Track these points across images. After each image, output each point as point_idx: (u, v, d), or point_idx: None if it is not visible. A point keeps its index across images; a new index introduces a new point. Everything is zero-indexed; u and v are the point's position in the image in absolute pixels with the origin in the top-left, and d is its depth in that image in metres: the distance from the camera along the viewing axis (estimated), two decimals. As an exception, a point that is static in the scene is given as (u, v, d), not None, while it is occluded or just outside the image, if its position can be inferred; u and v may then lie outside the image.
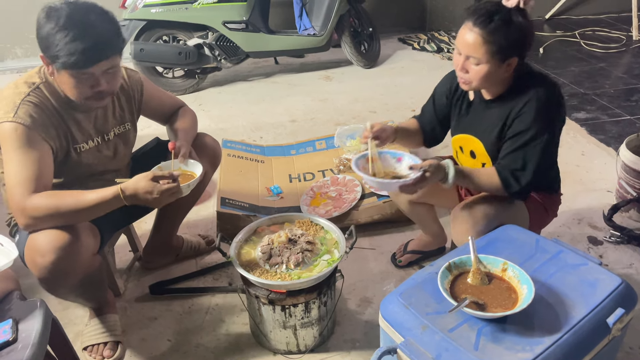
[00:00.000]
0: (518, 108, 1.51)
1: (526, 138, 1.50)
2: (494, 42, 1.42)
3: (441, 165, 1.51)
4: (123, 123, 1.75)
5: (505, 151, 1.55)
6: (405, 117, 3.50)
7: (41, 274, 1.46)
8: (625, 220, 2.33)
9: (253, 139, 3.28)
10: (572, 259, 1.35)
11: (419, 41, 5.05)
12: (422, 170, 1.48)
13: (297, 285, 1.59)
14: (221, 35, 3.90)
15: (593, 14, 5.52)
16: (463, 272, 1.30)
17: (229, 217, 2.26)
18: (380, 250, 2.25)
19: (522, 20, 1.44)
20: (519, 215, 1.65)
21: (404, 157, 1.62)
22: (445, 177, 1.52)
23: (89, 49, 1.39)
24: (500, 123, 1.56)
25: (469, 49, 1.46)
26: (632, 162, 2.26)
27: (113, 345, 1.76)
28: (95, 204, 1.44)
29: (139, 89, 1.78)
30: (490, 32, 1.42)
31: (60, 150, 1.56)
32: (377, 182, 1.54)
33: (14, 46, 4.71)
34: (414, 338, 1.17)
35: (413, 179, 1.47)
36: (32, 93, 1.49)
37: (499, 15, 1.43)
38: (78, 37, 1.37)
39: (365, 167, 1.58)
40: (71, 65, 1.40)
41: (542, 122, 1.49)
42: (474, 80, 1.50)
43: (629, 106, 3.50)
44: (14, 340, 1.22)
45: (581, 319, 1.17)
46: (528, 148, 1.51)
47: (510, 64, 1.48)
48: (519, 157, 1.52)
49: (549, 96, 1.50)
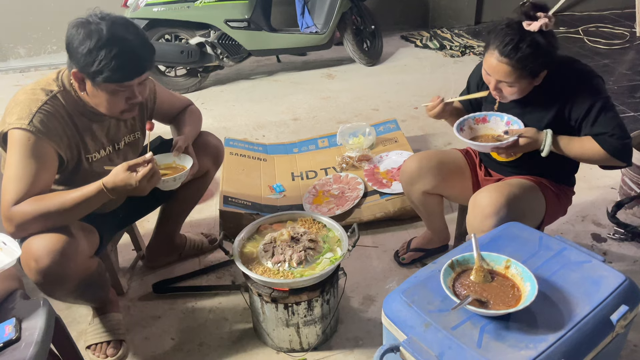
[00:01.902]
0: (559, 92, 1.57)
1: (597, 109, 1.54)
2: (524, 68, 1.50)
3: (539, 133, 1.58)
4: (134, 132, 1.75)
5: (589, 127, 1.57)
6: (407, 115, 3.50)
7: (36, 279, 1.45)
8: (629, 217, 2.32)
9: (255, 138, 3.28)
10: (576, 256, 1.34)
11: (421, 38, 5.04)
12: (517, 135, 1.56)
13: (299, 284, 1.59)
14: (223, 33, 3.90)
15: (596, 11, 5.49)
16: (466, 270, 1.29)
17: (231, 215, 2.26)
18: (383, 248, 2.24)
19: (546, 42, 1.49)
20: (537, 203, 1.67)
21: (512, 121, 1.67)
22: (540, 145, 1.59)
23: (133, 63, 1.43)
24: (548, 107, 1.61)
25: (500, 76, 1.54)
26: (636, 159, 2.24)
27: (116, 343, 1.77)
28: (80, 201, 1.44)
29: (152, 98, 1.78)
30: (519, 60, 1.48)
31: (72, 160, 1.56)
32: (474, 144, 1.64)
33: (17, 46, 4.72)
34: (417, 336, 1.17)
35: (506, 142, 1.57)
36: (49, 102, 1.48)
37: (525, 43, 1.47)
38: (123, 53, 1.39)
39: (470, 130, 1.71)
40: (117, 79, 1.42)
41: (597, 91, 1.55)
42: (509, 96, 1.60)
43: (633, 103, 3.48)
44: (17, 339, 1.22)
45: (585, 316, 1.17)
46: (608, 114, 1.55)
47: (541, 76, 1.55)
48: (607, 125, 1.55)
49: (581, 69, 1.58)
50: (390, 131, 2.92)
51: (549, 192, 1.70)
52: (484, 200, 1.60)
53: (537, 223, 1.70)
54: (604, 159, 1.59)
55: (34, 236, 1.45)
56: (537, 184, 1.69)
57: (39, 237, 1.44)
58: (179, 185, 1.63)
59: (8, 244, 1.36)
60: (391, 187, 2.40)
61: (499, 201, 1.57)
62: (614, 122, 1.55)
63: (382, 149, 2.76)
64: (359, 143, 2.77)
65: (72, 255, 1.46)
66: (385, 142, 2.82)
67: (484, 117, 1.72)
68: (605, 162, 1.60)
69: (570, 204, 1.83)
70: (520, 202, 1.60)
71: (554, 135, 1.57)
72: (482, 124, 1.72)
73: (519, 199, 1.60)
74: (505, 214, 1.56)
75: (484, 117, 1.72)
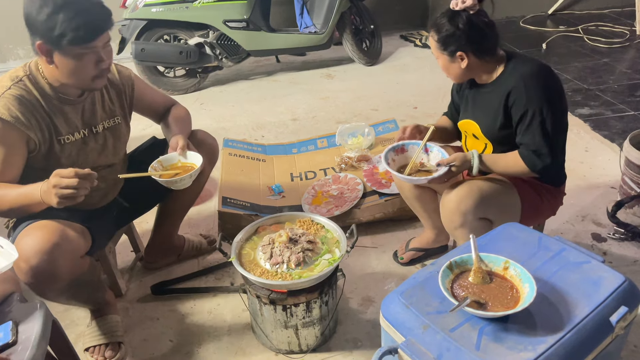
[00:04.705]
0: (507, 91, 1.61)
1: (529, 118, 1.59)
2: (440, 42, 1.65)
3: (466, 157, 1.66)
4: (113, 117, 1.76)
5: (520, 135, 1.63)
6: (407, 114, 3.50)
7: (26, 279, 1.45)
8: (629, 217, 2.31)
9: (255, 138, 3.28)
10: (575, 257, 1.34)
11: (421, 38, 5.03)
12: (448, 165, 1.64)
13: (298, 285, 1.59)
14: (222, 34, 3.90)
15: (596, 9, 5.48)
16: (464, 271, 1.28)
17: (230, 216, 2.25)
18: (382, 249, 2.24)
19: (467, 27, 1.59)
20: (510, 200, 1.69)
21: (431, 148, 1.77)
22: (470, 168, 1.66)
23: (92, 21, 1.45)
24: (498, 106, 1.65)
25: (433, 49, 1.72)
26: (636, 158, 2.24)
27: (115, 346, 1.76)
28: (17, 197, 1.46)
29: (130, 84, 1.81)
30: (435, 31, 1.66)
31: (43, 142, 1.57)
32: (408, 179, 1.70)
33: (16, 47, 4.72)
34: (415, 338, 1.16)
35: (442, 174, 1.64)
36: (13, 86, 1.51)
37: (444, 18, 1.63)
38: (81, 12, 1.42)
39: (393, 162, 1.77)
40: (80, 40, 1.44)
41: (535, 99, 1.58)
42: (446, 74, 1.74)
43: (633, 102, 3.47)
44: (14, 343, 1.21)
45: (584, 318, 1.16)
46: (535, 126, 1.58)
47: (462, 57, 1.64)
48: (532, 136, 1.60)
49: (532, 73, 1.60)
50: (390, 131, 2.91)
51: (526, 189, 1.71)
52: (448, 196, 1.66)
53: (516, 219, 1.71)
54: (526, 173, 1.64)
55: (24, 236, 1.46)
56: (511, 182, 1.71)
57: (28, 236, 1.45)
58: (190, 183, 1.68)
59: (5, 247, 1.35)
60: (390, 188, 2.39)
61: (461, 196, 1.63)
62: (539, 137, 1.58)
63: (381, 149, 2.75)
64: (358, 143, 2.76)
65: (62, 255, 1.46)
66: (384, 142, 2.81)
67: (402, 147, 1.80)
68: (531, 175, 1.65)
69: (561, 204, 1.83)
70: (487, 197, 1.63)
71: (479, 156, 1.65)
72: (401, 154, 1.80)
73: (486, 194, 1.64)
74: (470, 209, 1.61)
75: (401, 147, 1.80)
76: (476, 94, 1.76)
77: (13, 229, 1.62)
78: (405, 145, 1.79)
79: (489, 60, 1.67)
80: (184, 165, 1.72)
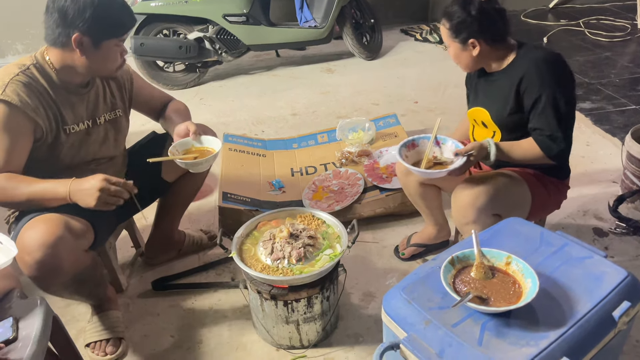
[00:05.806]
0: (519, 77, 1.60)
1: (543, 103, 1.58)
2: (452, 30, 1.65)
3: (483, 145, 1.62)
4: (114, 109, 1.77)
5: (533, 121, 1.62)
6: (407, 109, 3.49)
7: (30, 272, 1.45)
8: (631, 212, 2.31)
9: (255, 133, 3.27)
10: (577, 252, 1.33)
11: (421, 32, 5.01)
12: (466, 154, 1.60)
13: (299, 281, 1.58)
14: (222, 28, 3.88)
15: (597, 3, 5.46)
16: (466, 266, 1.28)
17: (231, 212, 2.24)
18: (383, 244, 2.23)
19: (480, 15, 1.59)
20: (521, 195, 1.68)
21: (443, 140, 1.75)
22: (487, 155, 1.62)
23: (127, 16, 1.57)
24: (509, 92, 1.64)
25: (444, 38, 1.71)
26: (638, 153, 2.23)
27: (116, 341, 1.76)
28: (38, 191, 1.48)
29: (129, 79, 1.83)
30: (447, 19, 1.65)
31: (50, 130, 1.58)
32: (427, 172, 1.66)
33: (15, 42, 4.70)
34: (417, 333, 1.16)
35: (462, 164, 1.59)
36: (21, 73, 1.52)
37: (456, 6, 1.63)
38: (118, 8, 1.54)
39: (406, 159, 1.72)
40: (119, 34, 1.55)
41: (549, 84, 1.56)
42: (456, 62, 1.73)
43: (634, 96, 3.46)
44: (15, 339, 1.21)
45: (586, 313, 1.15)
46: (549, 110, 1.57)
47: (473, 45, 1.63)
48: (547, 121, 1.58)
49: (545, 58, 1.59)
50: (390, 126, 2.90)
51: (535, 184, 1.71)
52: (463, 192, 1.64)
53: (525, 214, 1.70)
54: (541, 158, 1.62)
55: (28, 229, 1.46)
56: (522, 176, 1.70)
57: (31, 230, 1.45)
58: (209, 167, 1.78)
59: (4, 243, 1.34)
60: (391, 183, 2.39)
61: (477, 192, 1.61)
62: (554, 121, 1.57)
63: (382, 143, 2.75)
64: (358, 138, 2.75)
65: (66, 248, 1.47)
66: (385, 137, 2.80)
67: (413, 143, 1.77)
68: (545, 161, 1.63)
69: (565, 198, 1.82)
70: (501, 193, 1.62)
71: (496, 144, 1.62)
72: (412, 150, 1.77)
73: (500, 190, 1.63)
74: (484, 205, 1.59)
75: (412, 142, 1.77)
76: (486, 82, 1.75)
77: (15, 223, 1.62)
78: (416, 140, 1.77)
79: (499, 48, 1.66)
80: (199, 149, 1.74)
